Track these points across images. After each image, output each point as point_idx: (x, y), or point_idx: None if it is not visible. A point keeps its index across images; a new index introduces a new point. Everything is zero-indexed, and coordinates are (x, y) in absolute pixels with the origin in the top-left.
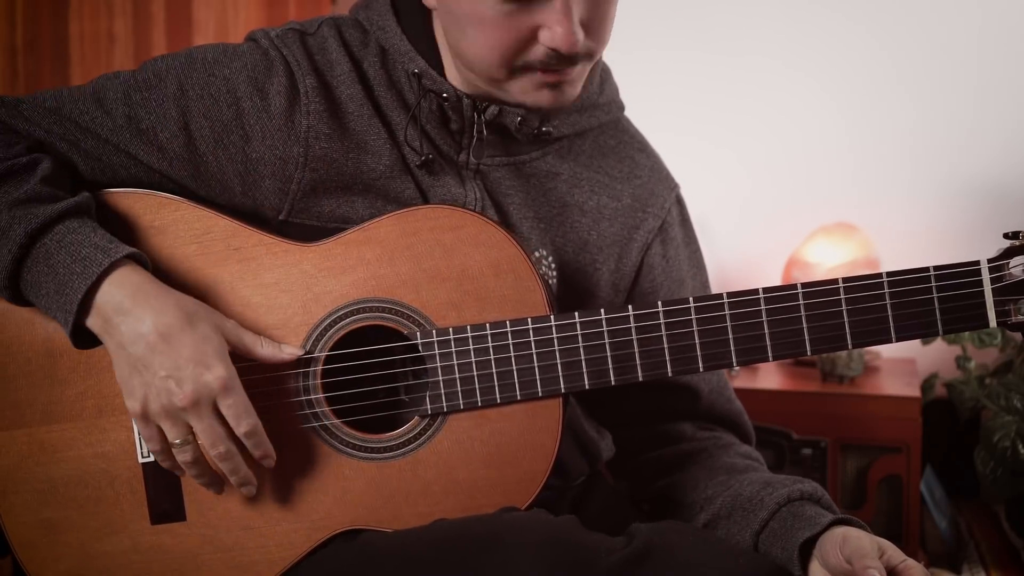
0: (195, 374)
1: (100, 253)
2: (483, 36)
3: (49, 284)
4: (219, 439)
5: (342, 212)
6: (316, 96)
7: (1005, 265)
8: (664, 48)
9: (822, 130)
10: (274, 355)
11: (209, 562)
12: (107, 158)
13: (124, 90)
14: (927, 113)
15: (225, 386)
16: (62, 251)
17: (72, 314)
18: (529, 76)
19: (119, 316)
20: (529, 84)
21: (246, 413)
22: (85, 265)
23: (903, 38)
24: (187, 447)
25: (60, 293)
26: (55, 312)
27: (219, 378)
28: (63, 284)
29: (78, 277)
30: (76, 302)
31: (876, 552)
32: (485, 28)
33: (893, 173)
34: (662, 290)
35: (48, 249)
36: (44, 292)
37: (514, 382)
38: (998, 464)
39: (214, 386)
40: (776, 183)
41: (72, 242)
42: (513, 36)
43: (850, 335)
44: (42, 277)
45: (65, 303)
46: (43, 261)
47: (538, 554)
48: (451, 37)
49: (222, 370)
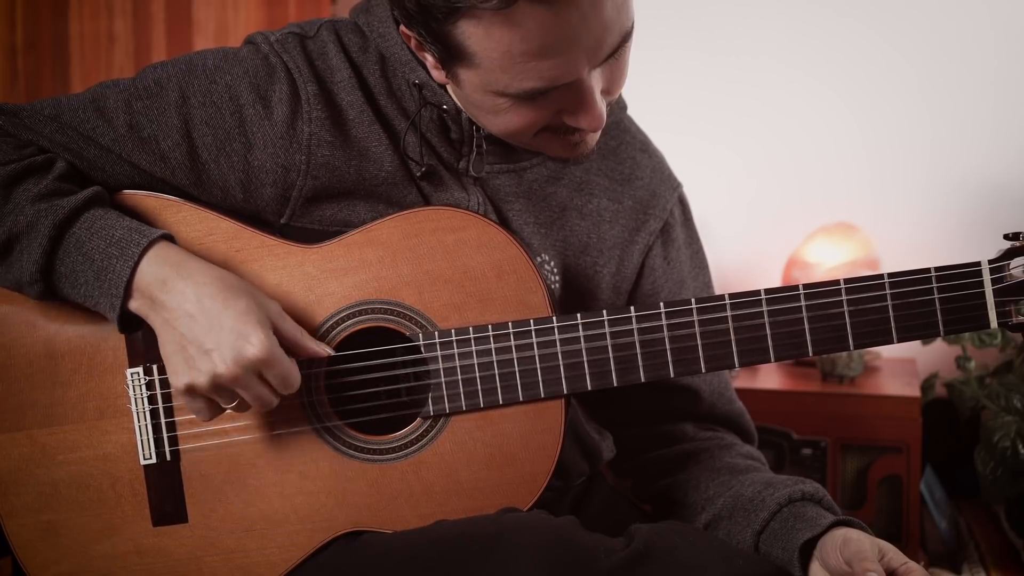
0: (237, 347)
1: (135, 234)
2: (501, 123)
3: (87, 272)
4: (268, 403)
5: (344, 216)
6: (318, 103)
7: (1006, 266)
8: (664, 48)
9: (823, 130)
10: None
11: (211, 564)
12: (110, 168)
13: (125, 98)
14: (927, 113)
15: (267, 357)
16: (94, 237)
17: (119, 297)
18: (551, 137)
19: (164, 293)
20: (552, 143)
21: (291, 379)
22: (122, 247)
23: (904, 38)
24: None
25: (101, 278)
26: (97, 299)
27: (261, 349)
28: (103, 269)
29: (117, 260)
30: (122, 284)
31: (876, 554)
32: (503, 118)
33: (893, 173)
34: (663, 292)
35: (79, 238)
36: (82, 280)
37: (516, 383)
38: (998, 464)
39: (257, 358)
40: (777, 183)
41: (103, 227)
42: (533, 121)
43: (852, 336)
44: (78, 266)
45: (109, 287)
46: (75, 250)
47: (538, 555)
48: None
49: (263, 341)
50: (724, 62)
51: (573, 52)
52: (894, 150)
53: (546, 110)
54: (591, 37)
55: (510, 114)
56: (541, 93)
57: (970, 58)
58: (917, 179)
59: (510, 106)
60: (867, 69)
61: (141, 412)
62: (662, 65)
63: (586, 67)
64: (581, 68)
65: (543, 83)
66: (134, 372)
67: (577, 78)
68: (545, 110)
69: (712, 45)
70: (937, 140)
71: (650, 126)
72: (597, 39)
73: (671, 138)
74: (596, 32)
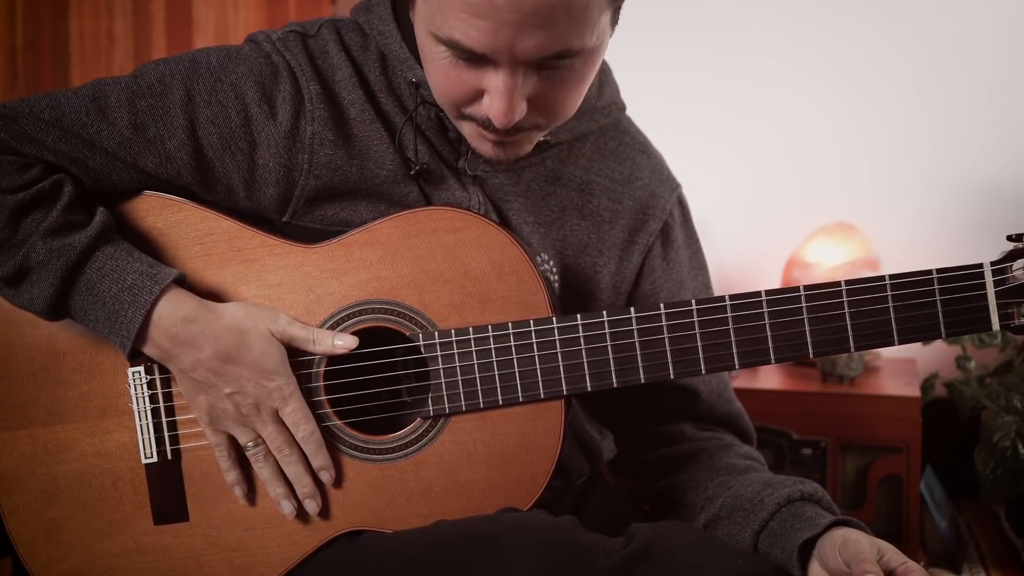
0: (259, 385)
1: (146, 280)
2: (435, 77)
3: (98, 312)
4: (283, 443)
5: (345, 216)
6: (320, 102)
7: (1008, 268)
8: (663, 48)
9: (823, 130)
10: (329, 350)
11: (212, 563)
12: (116, 176)
13: (127, 96)
14: (928, 113)
15: (284, 395)
16: (105, 280)
17: (130, 341)
18: (474, 125)
19: (177, 347)
20: (475, 132)
21: (305, 420)
22: (134, 294)
23: (905, 38)
24: (258, 450)
25: (112, 321)
26: (109, 336)
27: (278, 387)
28: (114, 313)
29: (129, 306)
30: (132, 332)
31: (875, 555)
32: (437, 71)
33: (893, 173)
34: (662, 292)
35: (90, 279)
36: (92, 318)
37: (516, 383)
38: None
39: (275, 395)
40: (776, 183)
41: (113, 269)
42: (460, 89)
43: (852, 338)
44: (89, 306)
45: (120, 329)
46: (87, 291)
47: (537, 554)
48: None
49: (282, 379)
50: (724, 62)
51: (497, 25)
52: (894, 150)
53: (472, 83)
54: (517, 20)
55: (444, 68)
56: (467, 55)
57: (971, 58)
58: (917, 179)
59: (445, 60)
60: (867, 69)
61: (142, 411)
62: (662, 65)
63: (509, 52)
64: (502, 47)
65: (466, 40)
66: (135, 371)
67: (499, 57)
68: (471, 82)
69: (712, 45)
70: (937, 140)
71: (649, 126)
72: (523, 26)
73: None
74: (525, 19)
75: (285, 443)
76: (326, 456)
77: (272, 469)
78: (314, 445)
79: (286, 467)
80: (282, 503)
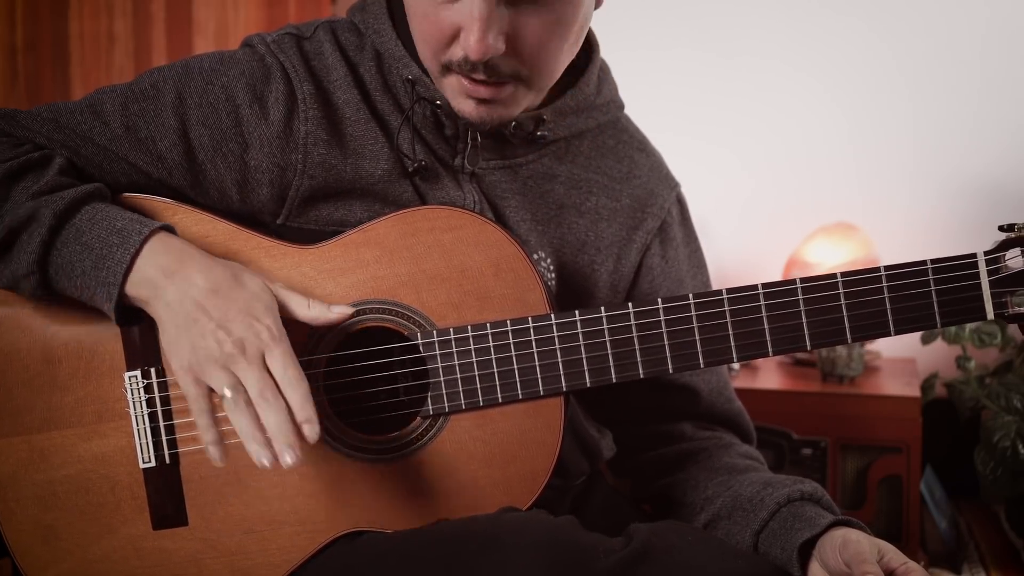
0: (245, 323)
1: (137, 224)
2: (417, 26)
3: (85, 261)
4: (266, 387)
5: (340, 216)
6: (314, 102)
7: (1001, 257)
8: (663, 47)
9: (823, 130)
10: (321, 316)
11: (211, 566)
12: (108, 165)
13: (121, 101)
14: (927, 113)
15: (273, 337)
16: (95, 227)
17: (117, 285)
18: (456, 78)
19: (166, 278)
20: (456, 87)
21: (293, 365)
22: (123, 236)
23: (904, 38)
24: (237, 397)
25: (99, 267)
26: (94, 289)
27: (267, 327)
28: (101, 258)
29: (118, 248)
30: (120, 272)
31: (875, 555)
32: (418, 18)
33: (893, 173)
34: (661, 291)
35: (79, 228)
36: (79, 271)
37: (515, 381)
38: (998, 464)
39: (263, 336)
40: (776, 183)
41: (103, 218)
42: (437, 30)
43: (849, 329)
44: (75, 256)
45: (107, 276)
46: (75, 240)
47: (537, 554)
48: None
49: (271, 322)
50: (723, 62)
51: None
52: (894, 150)
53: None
54: None
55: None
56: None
57: (971, 58)
58: (917, 178)
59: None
60: (868, 69)
61: (140, 415)
62: (661, 65)
63: None
64: None
65: None
66: (132, 375)
67: None
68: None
69: (711, 45)
70: (937, 140)
71: (649, 126)
72: None
73: (670, 138)
74: None
75: (268, 387)
76: (312, 409)
77: (250, 420)
78: (301, 394)
79: (267, 415)
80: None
